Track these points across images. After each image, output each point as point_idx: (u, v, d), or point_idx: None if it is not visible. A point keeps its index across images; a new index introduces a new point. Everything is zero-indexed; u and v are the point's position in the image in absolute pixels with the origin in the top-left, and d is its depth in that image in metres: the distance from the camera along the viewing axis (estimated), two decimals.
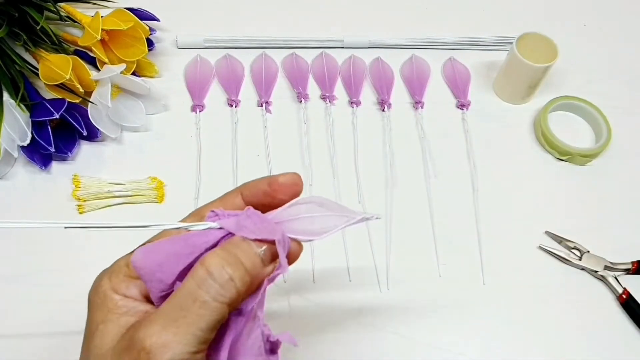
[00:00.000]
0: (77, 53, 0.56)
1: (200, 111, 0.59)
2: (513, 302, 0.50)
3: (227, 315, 0.26)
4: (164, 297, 0.27)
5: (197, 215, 0.31)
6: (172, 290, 0.27)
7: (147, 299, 0.28)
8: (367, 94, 0.62)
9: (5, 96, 0.52)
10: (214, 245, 0.27)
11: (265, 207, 0.30)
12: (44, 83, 0.52)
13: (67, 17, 0.58)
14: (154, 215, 0.52)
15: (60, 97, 0.53)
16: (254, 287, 0.27)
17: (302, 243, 0.30)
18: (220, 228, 0.28)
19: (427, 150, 0.58)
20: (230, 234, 0.27)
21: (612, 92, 0.63)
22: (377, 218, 0.31)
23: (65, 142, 0.54)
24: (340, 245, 0.52)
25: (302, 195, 0.33)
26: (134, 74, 0.58)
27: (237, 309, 0.27)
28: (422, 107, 0.61)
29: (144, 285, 0.28)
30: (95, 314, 0.28)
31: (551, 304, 0.50)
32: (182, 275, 0.27)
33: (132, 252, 0.28)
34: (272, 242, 0.27)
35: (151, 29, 0.58)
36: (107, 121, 0.55)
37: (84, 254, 0.50)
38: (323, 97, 0.61)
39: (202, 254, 0.27)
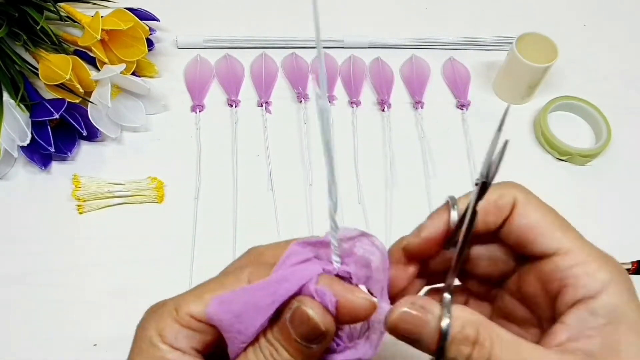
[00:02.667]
0: (77, 53, 0.56)
1: (200, 111, 0.59)
2: None
3: None
4: (245, 348, 0.25)
5: (257, 260, 0.28)
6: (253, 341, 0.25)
7: (199, 352, 0.26)
8: (367, 94, 0.62)
9: (5, 96, 0.52)
10: (298, 293, 0.24)
11: None
12: (44, 83, 0.52)
13: (67, 17, 0.58)
14: (154, 215, 0.52)
15: (60, 97, 0.53)
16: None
17: None
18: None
19: (427, 150, 0.58)
20: (315, 277, 0.24)
21: (612, 92, 0.63)
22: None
23: (65, 142, 0.54)
24: None
25: (300, 195, 0.30)
26: (133, 74, 0.58)
27: None
28: (422, 107, 0.61)
29: (197, 337, 0.25)
30: (136, 358, 0.26)
31: None
32: (263, 326, 0.25)
33: (178, 299, 0.26)
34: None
35: (151, 29, 0.58)
36: (107, 121, 0.55)
37: (84, 254, 0.50)
38: None
39: (284, 303, 0.24)
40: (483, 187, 0.25)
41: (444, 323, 0.23)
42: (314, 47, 0.64)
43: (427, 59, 0.64)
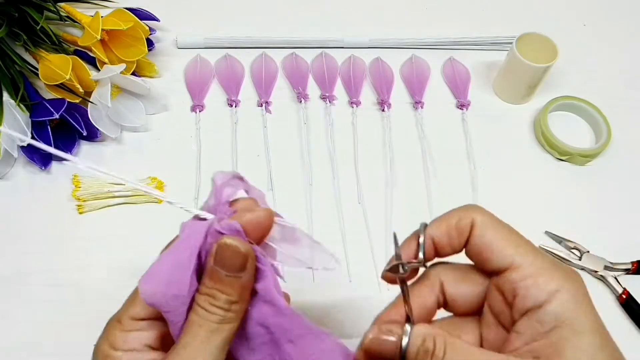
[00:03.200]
0: (77, 53, 0.56)
1: (200, 111, 0.59)
2: None
3: (238, 325, 0.27)
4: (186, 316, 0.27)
5: None
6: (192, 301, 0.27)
7: (151, 347, 0.29)
8: (367, 94, 0.62)
9: (5, 96, 0.52)
10: (206, 237, 0.28)
11: None
12: (44, 83, 0.52)
13: (67, 17, 0.58)
14: (154, 215, 0.52)
15: (60, 97, 0.53)
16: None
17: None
18: (204, 219, 0.29)
19: (427, 150, 0.58)
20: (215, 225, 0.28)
21: (612, 92, 0.63)
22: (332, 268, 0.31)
23: (65, 142, 0.54)
24: (340, 246, 0.52)
25: (300, 195, 0.33)
26: (133, 74, 0.58)
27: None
28: (422, 107, 0.61)
29: (145, 335, 0.28)
30: None
31: None
32: (194, 280, 0.27)
33: (119, 311, 0.29)
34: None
35: (151, 29, 0.58)
36: (107, 121, 0.55)
37: (84, 254, 0.50)
38: (323, 97, 0.61)
39: (201, 248, 0.27)
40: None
41: (404, 341, 0.27)
42: (314, 47, 0.65)
43: (427, 59, 0.64)
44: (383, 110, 0.60)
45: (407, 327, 0.27)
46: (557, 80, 0.63)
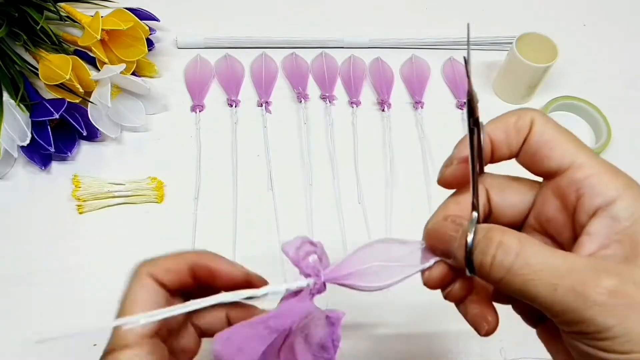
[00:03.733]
0: (77, 53, 0.56)
1: (200, 111, 0.59)
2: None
3: None
4: None
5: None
6: None
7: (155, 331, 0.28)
8: (367, 94, 0.62)
9: (5, 96, 0.52)
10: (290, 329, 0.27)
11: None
12: (44, 83, 0.52)
13: (67, 17, 0.58)
14: (154, 215, 0.52)
15: (60, 97, 0.53)
16: None
17: None
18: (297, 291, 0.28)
19: (427, 150, 0.58)
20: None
21: (612, 92, 0.63)
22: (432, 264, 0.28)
23: (65, 142, 0.54)
24: (340, 245, 0.52)
25: (300, 195, 0.32)
26: (133, 74, 0.58)
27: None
28: (422, 107, 0.61)
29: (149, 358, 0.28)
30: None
31: None
32: (266, 354, 0.27)
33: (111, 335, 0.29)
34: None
35: (151, 29, 0.58)
36: (107, 121, 0.55)
37: (84, 254, 0.50)
38: (323, 97, 0.61)
39: (285, 333, 0.27)
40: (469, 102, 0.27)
41: (469, 237, 0.24)
42: (314, 47, 0.65)
43: (427, 59, 0.65)
44: (383, 110, 0.60)
45: (474, 214, 0.25)
46: (557, 80, 0.63)
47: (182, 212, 0.53)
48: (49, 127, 0.51)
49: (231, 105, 0.60)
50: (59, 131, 0.53)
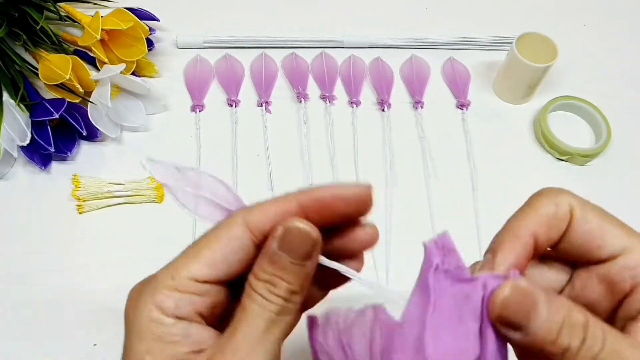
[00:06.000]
0: (77, 53, 0.56)
1: (200, 111, 0.59)
2: None
3: (295, 319, 0.25)
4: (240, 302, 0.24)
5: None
6: None
7: (206, 319, 0.24)
8: (367, 94, 0.62)
9: (5, 96, 0.52)
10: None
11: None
12: (44, 83, 0.52)
13: (67, 17, 0.58)
14: (154, 215, 0.52)
15: (60, 97, 0.53)
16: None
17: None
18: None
19: (427, 150, 0.58)
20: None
21: (612, 92, 0.63)
22: None
23: (65, 142, 0.54)
24: None
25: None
26: (133, 74, 0.58)
27: None
28: (422, 107, 0.61)
29: (201, 300, 0.24)
30: (136, 342, 0.23)
31: None
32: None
33: (170, 268, 0.25)
34: None
35: (151, 29, 0.58)
36: (106, 121, 0.55)
37: (84, 254, 0.50)
38: (323, 97, 0.61)
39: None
40: None
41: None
42: (314, 47, 0.65)
43: (427, 59, 0.64)
44: (383, 110, 0.60)
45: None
46: (557, 80, 0.63)
47: (182, 212, 0.53)
48: (48, 127, 0.51)
49: (231, 105, 0.60)
50: (59, 131, 0.53)
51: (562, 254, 0.26)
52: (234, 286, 0.26)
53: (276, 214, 0.25)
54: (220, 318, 0.26)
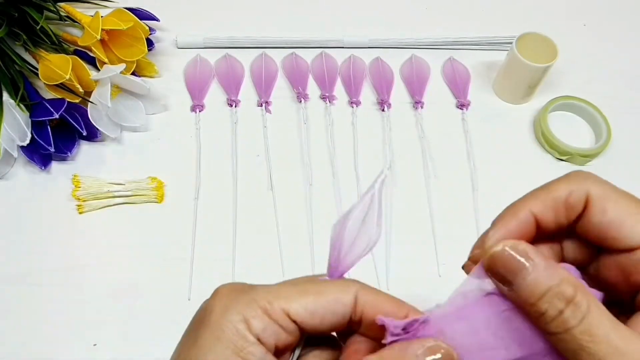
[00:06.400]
0: (77, 53, 0.56)
1: (200, 111, 0.59)
2: None
3: None
4: None
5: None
6: None
7: (277, 354, 0.24)
8: (367, 94, 0.62)
9: (5, 96, 0.52)
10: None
11: None
12: (44, 83, 0.52)
13: (67, 17, 0.58)
14: (154, 215, 0.52)
15: (60, 97, 0.53)
16: None
17: None
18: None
19: (427, 150, 0.58)
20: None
21: (612, 92, 0.63)
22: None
23: (65, 142, 0.54)
24: None
25: (300, 195, 0.28)
26: (133, 74, 0.58)
27: None
28: (422, 107, 0.61)
29: (284, 336, 0.24)
30: (212, 340, 0.23)
31: None
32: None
33: (268, 291, 0.24)
34: None
35: (151, 29, 0.58)
36: (106, 121, 0.55)
37: (84, 254, 0.50)
38: (323, 97, 0.61)
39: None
40: None
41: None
42: (314, 47, 0.65)
43: (427, 59, 0.64)
44: (383, 110, 0.60)
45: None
46: (557, 80, 0.63)
47: (182, 212, 0.53)
48: (48, 127, 0.52)
49: (231, 105, 0.60)
50: (59, 131, 0.53)
51: (582, 236, 0.26)
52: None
53: (386, 313, 0.25)
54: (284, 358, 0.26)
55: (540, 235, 0.26)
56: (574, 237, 0.27)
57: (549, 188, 0.25)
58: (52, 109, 0.50)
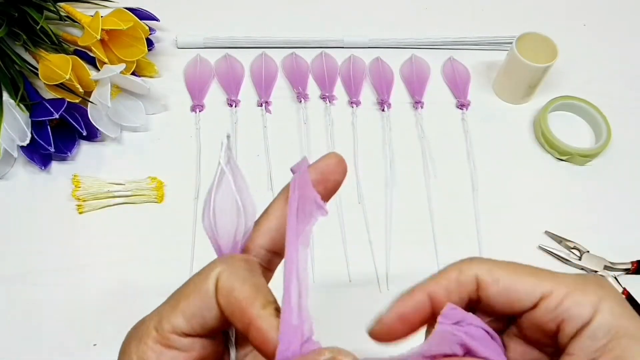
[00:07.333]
0: (77, 53, 0.56)
1: (199, 111, 0.59)
2: None
3: None
4: None
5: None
6: None
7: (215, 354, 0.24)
8: (367, 94, 0.62)
9: (5, 96, 0.52)
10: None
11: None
12: (44, 83, 0.52)
13: (67, 17, 0.58)
14: (154, 215, 0.52)
15: (60, 97, 0.53)
16: None
17: None
18: None
19: (427, 150, 0.58)
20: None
21: (612, 92, 0.63)
22: None
23: (65, 142, 0.54)
24: (340, 245, 0.52)
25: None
26: (133, 73, 0.58)
27: None
28: (421, 107, 0.61)
29: (184, 356, 0.23)
30: None
31: None
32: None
33: (155, 315, 0.24)
34: None
35: (151, 29, 0.58)
36: (106, 121, 0.55)
37: (84, 254, 0.50)
38: (323, 97, 0.61)
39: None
40: None
41: None
42: (314, 47, 0.65)
43: (427, 59, 0.64)
44: (383, 110, 0.60)
45: None
46: (557, 80, 0.63)
47: (182, 212, 0.53)
48: (48, 127, 0.52)
49: (231, 105, 0.60)
50: (59, 131, 0.53)
51: (490, 312, 0.27)
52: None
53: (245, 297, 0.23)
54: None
55: (433, 318, 0.27)
56: (487, 314, 0.28)
57: (442, 271, 0.27)
58: (52, 109, 0.50)
